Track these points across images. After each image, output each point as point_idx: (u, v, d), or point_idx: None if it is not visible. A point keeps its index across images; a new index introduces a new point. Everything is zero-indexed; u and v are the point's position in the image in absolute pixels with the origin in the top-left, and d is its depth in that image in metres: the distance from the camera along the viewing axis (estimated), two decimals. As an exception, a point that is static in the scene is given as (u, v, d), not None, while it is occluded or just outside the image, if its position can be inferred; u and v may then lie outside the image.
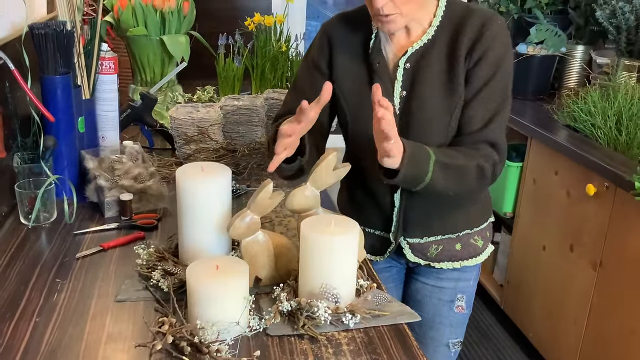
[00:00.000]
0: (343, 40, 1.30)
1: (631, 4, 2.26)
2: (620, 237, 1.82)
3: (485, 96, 1.20)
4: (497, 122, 1.21)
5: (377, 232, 1.37)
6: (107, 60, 1.57)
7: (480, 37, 1.19)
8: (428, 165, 1.11)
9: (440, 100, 1.22)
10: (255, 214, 1.04)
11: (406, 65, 1.23)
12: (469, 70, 1.20)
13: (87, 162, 1.42)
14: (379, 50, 1.26)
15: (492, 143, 1.20)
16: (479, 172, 1.18)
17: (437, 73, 1.22)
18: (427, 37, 1.23)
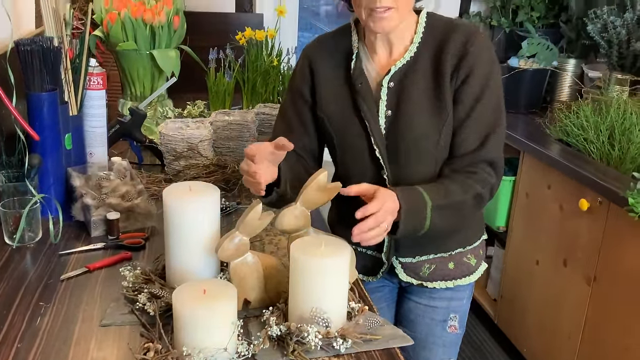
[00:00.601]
0: (324, 63, 1.27)
1: (622, 18, 2.26)
2: (614, 252, 1.81)
3: (478, 114, 1.18)
4: (494, 140, 1.18)
5: (369, 251, 1.35)
6: (95, 75, 1.55)
7: (466, 54, 1.17)
8: (425, 213, 1.09)
9: (427, 119, 1.19)
10: (244, 235, 1.02)
11: (390, 84, 1.21)
12: (457, 89, 1.18)
13: (74, 179, 1.39)
14: (360, 71, 1.24)
15: (490, 162, 1.18)
16: (477, 201, 1.17)
17: (422, 91, 1.20)
18: (409, 54, 1.21)
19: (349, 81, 1.25)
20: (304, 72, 1.30)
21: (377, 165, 1.23)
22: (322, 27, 4.13)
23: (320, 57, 1.29)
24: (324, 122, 1.28)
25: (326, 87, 1.27)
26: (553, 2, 2.71)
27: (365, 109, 1.21)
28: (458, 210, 1.16)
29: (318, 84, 1.28)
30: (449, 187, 1.15)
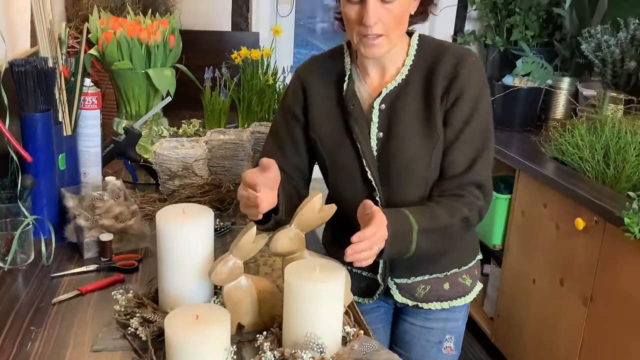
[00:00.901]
0: (317, 84, 1.28)
1: (616, 37, 2.28)
2: (610, 272, 1.81)
3: (466, 136, 1.18)
4: (482, 162, 1.19)
5: (364, 273, 1.34)
6: (90, 95, 1.55)
7: (456, 76, 1.17)
8: (411, 237, 1.09)
9: (418, 141, 1.20)
10: (238, 259, 1.01)
11: (381, 106, 1.22)
12: (447, 110, 1.18)
13: (67, 200, 1.38)
14: (353, 92, 1.24)
15: (479, 184, 1.18)
16: (464, 224, 1.16)
17: (413, 113, 1.20)
18: (400, 77, 1.22)
19: (341, 102, 1.25)
20: (297, 91, 1.30)
21: (369, 187, 1.23)
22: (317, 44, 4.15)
23: (313, 77, 1.29)
24: (316, 143, 1.28)
25: (318, 108, 1.27)
26: (547, 21, 2.73)
27: (357, 130, 1.21)
28: (445, 234, 1.15)
29: (310, 105, 1.28)
30: (435, 211, 1.15)
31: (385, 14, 1.11)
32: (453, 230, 1.16)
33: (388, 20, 1.12)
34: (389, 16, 1.12)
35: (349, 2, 1.13)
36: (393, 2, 1.11)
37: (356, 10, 1.13)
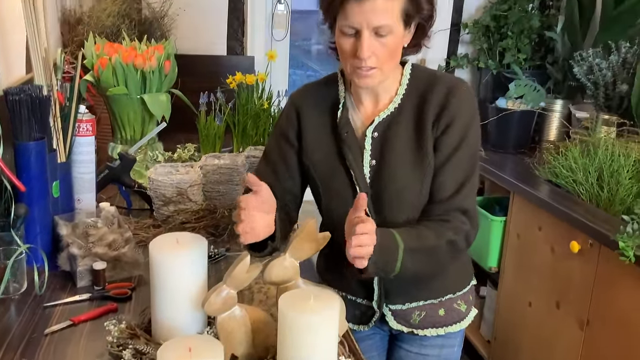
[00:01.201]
0: (311, 111, 1.29)
1: (607, 60, 2.30)
2: (606, 295, 1.80)
3: (454, 163, 1.20)
4: (468, 189, 1.20)
5: (358, 299, 1.33)
6: (84, 122, 1.55)
7: (447, 105, 1.19)
8: (397, 254, 1.09)
9: (410, 169, 1.21)
10: (231, 288, 1.01)
11: (374, 134, 1.23)
12: (437, 138, 1.20)
13: (61, 228, 1.38)
14: (347, 120, 1.25)
15: (464, 210, 1.20)
16: (451, 248, 1.17)
17: (405, 141, 1.21)
18: (393, 105, 1.23)
19: (335, 130, 1.26)
20: (291, 116, 1.31)
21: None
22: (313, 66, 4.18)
23: (307, 104, 1.30)
24: (310, 169, 1.29)
25: (312, 135, 1.28)
26: (539, 44, 2.76)
27: (351, 157, 1.23)
28: (430, 255, 1.16)
29: (304, 131, 1.29)
30: (422, 232, 1.16)
31: (378, 47, 1.13)
32: (439, 252, 1.17)
33: (381, 54, 1.14)
34: (382, 49, 1.13)
35: (344, 35, 1.14)
36: (387, 36, 1.12)
37: (350, 43, 1.14)
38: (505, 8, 2.71)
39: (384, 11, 1.10)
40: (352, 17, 1.11)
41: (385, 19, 1.11)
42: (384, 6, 1.10)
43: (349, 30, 1.13)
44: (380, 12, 1.10)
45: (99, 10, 2.33)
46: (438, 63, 2.88)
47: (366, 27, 1.11)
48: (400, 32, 1.15)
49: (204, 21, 2.67)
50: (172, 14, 2.56)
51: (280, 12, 2.81)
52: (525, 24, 2.67)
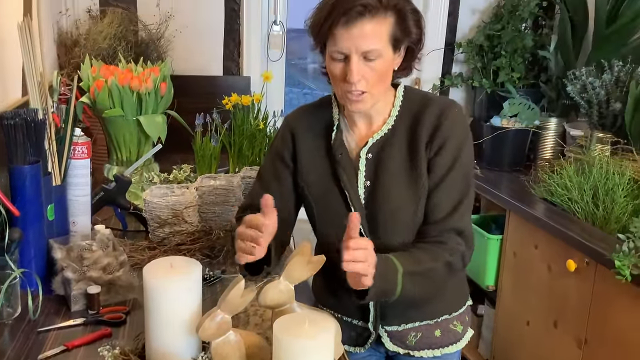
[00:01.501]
0: (306, 132, 1.30)
1: (600, 79, 2.32)
2: (603, 314, 1.80)
3: (448, 184, 1.20)
4: (462, 210, 1.21)
5: (354, 321, 1.33)
6: (80, 145, 1.55)
7: (440, 126, 1.20)
8: (396, 279, 1.10)
9: (404, 190, 1.22)
10: (226, 313, 1.00)
11: (368, 155, 1.24)
12: (430, 159, 1.21)
13: (55, 251, 1.37)
14: (341, 142, 1.26)
15: (459, 231, 1.20)
16: (448, 269, 1.18)
17: (399, 163, 1.22)
18: (387, 127, 1.24)
19: (329, 151, 1.27)
20: (286, 138, 1.32)
21: None
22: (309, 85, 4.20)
23: (301, 127, 1.31)
24: (304, 191, 1.30)
25: (307, 156, 1.29)
26: (533, 63, 2.78)
27: (345, 179, 1.23)
28: (429, 278, 1.16)
29: (299, 152, 1.30)
30: (419, 255, 1.16)
31: (368, 71, 1.14)
32: (437, 274, 1.17)
33: (371, 78, 1.15)
34: (372, 73, 1.15)
35: (333, 60, 1.16)
36: (376, 60, 1.14)
37: (340, 68, 1.16)
38: (499, 28, 2.74)
39: (372, 36, 1.12)
40: (341, 43, 1.12)
41: (373, 44, 1.12)
42: (372, 31, 1.11)
43: (338, 55, 1.14)
44: (369, 37, 1.11)
45: (95, 32, 2.35)
46: (433, 82, 2.90)
47: (355, 52, 1.12)
48: (390, 56, 1.16)
49: (201, 42, 2.69)
50: (169, 35, 2.58)
51: (276, 32, 2.83)
52: (518, 44, 2.69)
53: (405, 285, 1.11)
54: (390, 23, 1.14)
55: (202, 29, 2.67)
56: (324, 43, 1.17)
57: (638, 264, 1.62)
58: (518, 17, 2.70)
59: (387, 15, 1.13)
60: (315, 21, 1.16)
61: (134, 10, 2.56)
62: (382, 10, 1.12)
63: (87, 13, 2.51)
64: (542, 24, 2.77)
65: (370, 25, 1.11)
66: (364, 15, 1.10)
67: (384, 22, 1.13)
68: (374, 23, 1.11)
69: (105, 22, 2.39)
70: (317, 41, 1.19)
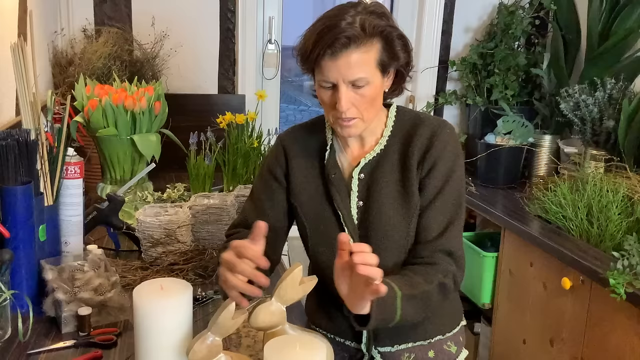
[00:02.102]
0: (299, 152, 1.30)
1: (593, 97, 2.33)
2: (599, 332, 1.79)
3: (439, 205, 1.20)
4: (453, 231, 1.20)
5: (347, 342, 1.32)
6: (72, 165, 1.55)
7: (430, 147, 1.20)
8: (395, 303, 1.08)
9: (396, 211, 1.21)
10: (216, 336, 0.99)
11: (360, 175, 1.24)
12: (422, 179, 1.21)
13: (46, 272, 1.36)
14: (334, 162, 1.26)
15: (449, 252, 1.19)
16: (441, 291, 1.17)
17: (391, 183, 1.22)
18: (379, 147, 1.25)
19: (322, 171, 1.27)
20: (279, 156, 1.32)
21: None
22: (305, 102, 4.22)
23: (294, 146, 1.31)
24: (297, 210, 1.29)
25: (300, 176, 1.29)
26: (526, 81, 2.80)
27: (338, 199, 1.23)
28: (425, 300, 1.15)
29: (292, 171, 1.30)
30: (412, 279, 1.15)
31: (357, 98, 1.14)
32: (432, 296, 1.16)
33: (361, 104, 1.15)
34: (361, 100, 1.15)
35: (322, 88, 1.16)
36: (364, 87, 1.14)
37: (329, 96, 1.16)
38: (492, 46, 2.76)
39: (358, 65, 1.11)
40: (328, 73, 1.12)
41: (360, 72, 1.12)
42: (358, 60, 1.11)
43: (326, 84, 1.15)
44: (355, 66, 1.11)
45: (90, 51, 2.36)
46: (427, 100, 2.92)
47: (342, 81, 1.12)
48: (379, 81, 1.16)
49: (196, 61, 2.70)
50: (164, 54, 2.59)
51: (271, 51, 2.85)
52: (511, 62, 2.71)
53: (404, 310, 1.09)
54: (377, 49, 1.14)
55: (197, 48, 2.69)
56: (312, 71, 1.18)
57: (633, 282, 1.62)
58: (511, 36, 2.72)
59: (373, 42, 1.12)
60: (302, 50, 1.15)
61: (129, 30, 2.57)
62: (367, 39, 1.11)
63: (82, 32, 2.53)
64: (535, 42, 2.79)
65: (356, 54, 1.11)
66: (349, 46, 1.10)
67: (371, 50, 1.13)
68: (360, 52, 1.11)
69: (100, 41, 2.40)
70: (305, 69, 1.19)
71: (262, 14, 2.80)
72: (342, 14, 1.12)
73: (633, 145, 2.17)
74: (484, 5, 2.89)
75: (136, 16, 2.59)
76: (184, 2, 2.63)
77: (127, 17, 2.58)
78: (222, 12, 2.69)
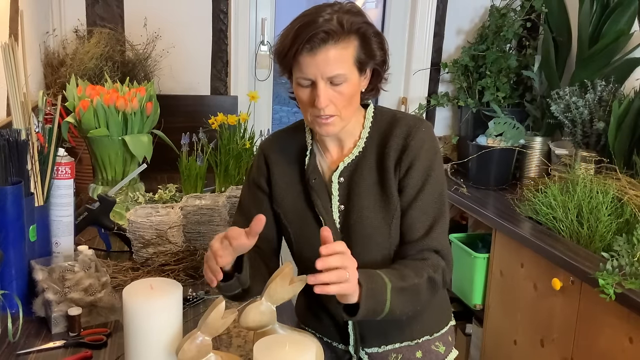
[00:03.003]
0: (279, 158, 1.30)
1: (584, 99, 2.35)
2: (589, 332, 1.80)
3: (421, 204, 1.20)
4: (438, 229, 1.20)
5: (334, 343, 1.32)
6: (63, 165, 1.55)
7: (407, 147, 1.20)
8: (385, 294, 1.08)
9: (377, 213, 1.22)
10: (206, 335, 0.99)
11: (340, 179, 1.24)
12: (401, 180, 1.21)
13: (36, 273, 1.36)
14: (314, 167, 1.27)
15: (436, 250, 1.20)
16: (431, 285, 1.17)
17: (370, 185, 1.22)
18: (357, 150, 1.25)
19: (303, 177, 1.27)
20: (261, 165, 1.32)
21: None
22: (298, 104, 4.23)
23: (275, 152, 1.31)
24: (281, 217, 1.30)
25: (281, 182, 1.29)
26: (517, 83, 2.81)
27: (319, 203, 1.24)
28: (415, 294, 1.15)
29: (273, 178, 1.30)
30: (402, 271, 1.15)
31: (335, 95, 1.15)
32: (421, 290, 1.16)
33: (339, 101, 1.15)
34: (339, 97, 1.15)
35: (300, 86, 1.16)
36: (342, 84, 1.14)
37: (307, 93, 1.16)
38: (484, 48, 2.77)
39: (336, 61, 1.12)
40: (306, 69, 1.13)
41: (338, 69, 1.13)
42: (337, 56, 1.12)
43: (304, 81, 1.15)
44: (333, 63, 1.12)
45: (82, 52, 2.35)
46: (419, 102, 2.93)
47: (321, 77, 1.13)
48: (356, 79, 1.17)
49: (188, 62, 2.70)
50: (156, 55, 2.58)
51: (263, 52, 2.85)
52: (503, 64, 2.72)
53: (393, 301, 1.09)
54: (355, 46, 1.15)
55: (189, 49, 2.69)
56: (290, 70, 1.17)
57: (622, 282, 1.63)
58: (502, 38, 2.74)
59: (350, 38, 1.13)
60: (280, 49, 1.16)
61: (121, 31, 2.57)
62: (345, 35, 1.12)
63: (74, 33, 2.52)
64: (526, 45, 2.81)
65: (334, 50, 1.12)
66: (327, 42, 1.11)
67: (348, 47, 1.13)
68: (338, 48, 1.12)
69: (92, 42, 2.40)
70: (282, 68, 1.19)
71: (255, 15, 2.80)
72: (319, 12, 1.13)
73: (623, 147, 2.18)
74: (475, 8, 2.91)
75: (128, 17, 2.59)
76: (176, 3, 2.63)
77: (119, 17, 2.58)
78: (215, 13, 2.70)
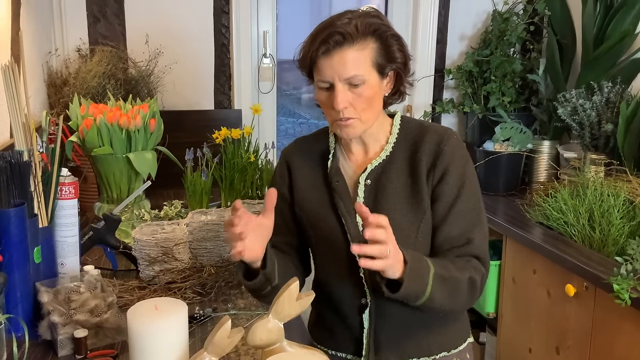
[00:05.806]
0: (302, 164, 1.31)
1: (591, 101, 2.32)
2: (605, 339, 1.76)
3: (460, 210, 1.19)
4: (480, 236, 1.20)
5: (348, 356, 1.29)
6: (67, 185, 1.54)
7: (440, 153, 1.20)
8: (428, 277, 1.07)
9: (404, 216, 1.21)
10: (213, 356, 0.97)
11: (367, 181, 1.24)
12: (435, 187, 1.20)
13: (42, 295, 1.34)
14: (337, 169, 1.27)
15: (478, 257, 1.19)
16: (471, 285, 1.16)
17: (399, 188, 1.22)
18: (385, 153, 1.25)
19: (326, 180, 1.28)
20: (283, 173, 1.33)
21: (354, 263, 1.22)
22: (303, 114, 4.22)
23: (297, 156, 1.32)
24: (303, 221, 1.30)
25: (303, 185, 1.30)
26: (523, 87, 2.79)
27: (342, 206, 1.23)
28: (455, 289, 1.14)
29: (295, 182, 1.30)
30: (448, 264, 1.14)
31: (354, 97, 1.15)
32: (462, 287, 1.15)
33: (358, 104, 1.16)
34: (358, 100, 1.16)
35: (320, 89, 1.18)
36: (360, 86, 1.15)
37: (327, 96, 1.17)
38: (487, 53, 2.75)
39: (353, 62, 1.13)
40: (324, 72, 1.15)
41: (355, 70, 1.13)
42: (353, 57, 1.13)
43: (323, 84, 1.17)
44: (350, 64, 1.13)
45: (84, 71, 2.35)
46: (424, 109, 2.91)
47: (338, 79, 1.14)
48: (376, 81, 1.17)
49: (191, 77, 2.70)
50: (159, 71, 2.58)
51: (266, 65, 2.85)
52: (507, 68, 2.70)
53: (434, 288, 1.08)
54: (373, 49, 1.16)
55: (192, 64, 2.68)
56: (311, 74, 1.20)
57: (637, 287, 1.59)
58: (506, 42, 2.72)
59: (367, 40, 1.15)
60: (301, 54, 1.20)
61: (124, 48, 2.57)
62: (361, 37, 1.14)
63: (76, 52, 2.53)
64: (530, 48, 2.79)
65: (351, 52, 1.13)
66: (343, 44, 1.13)
67: (366, 48, 1.15)
68: (355, 50, 1.13)
69: (94, 60, 2.40)
70: (305, 73, 1.22)
71: (257, 29, 2.80)
72: (339, 17, 1.16)
73: (632, 148, 2.15)
74: (478, 13, 2.89)
75: (130, 34, 2.59)
76: (178, 19, 2.64)
77: (121, 35, 2.58)
78: (216, 27, 2.70)
